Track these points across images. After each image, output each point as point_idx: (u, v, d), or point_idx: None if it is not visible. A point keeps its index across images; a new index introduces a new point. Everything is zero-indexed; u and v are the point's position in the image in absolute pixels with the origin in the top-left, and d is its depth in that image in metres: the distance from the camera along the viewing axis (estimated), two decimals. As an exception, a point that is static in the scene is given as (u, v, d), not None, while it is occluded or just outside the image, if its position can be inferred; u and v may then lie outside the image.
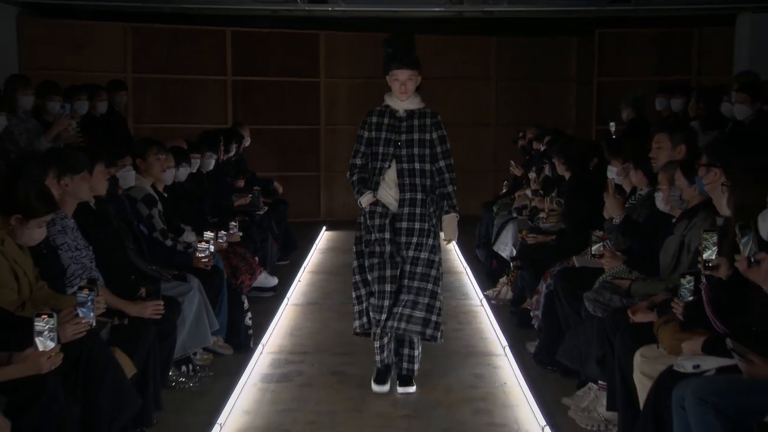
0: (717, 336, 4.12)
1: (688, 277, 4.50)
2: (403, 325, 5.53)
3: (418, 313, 5.55)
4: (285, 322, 7.57)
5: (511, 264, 8.29)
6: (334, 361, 6.20)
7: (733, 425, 3.52)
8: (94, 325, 4.27)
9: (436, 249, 5.67)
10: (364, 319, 5.72)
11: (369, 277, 5.67)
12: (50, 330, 3.77)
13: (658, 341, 4.54)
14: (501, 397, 5.75)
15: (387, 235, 5.57)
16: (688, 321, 4.39)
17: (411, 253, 5.59)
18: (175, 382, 5.86)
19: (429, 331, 5.61)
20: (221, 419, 5.15)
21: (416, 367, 5.83)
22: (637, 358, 4.54)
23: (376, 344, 5.80)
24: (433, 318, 5.61)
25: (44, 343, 3.75)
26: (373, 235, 5.63)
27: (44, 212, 4.42)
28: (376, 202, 5.64)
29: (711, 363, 3.95)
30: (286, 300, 8.14)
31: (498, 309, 7.86)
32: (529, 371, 6.09)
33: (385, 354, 5.81)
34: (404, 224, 5.60)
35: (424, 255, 5.60)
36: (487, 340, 7.05)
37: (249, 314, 6.89)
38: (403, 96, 5.59)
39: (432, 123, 5.64)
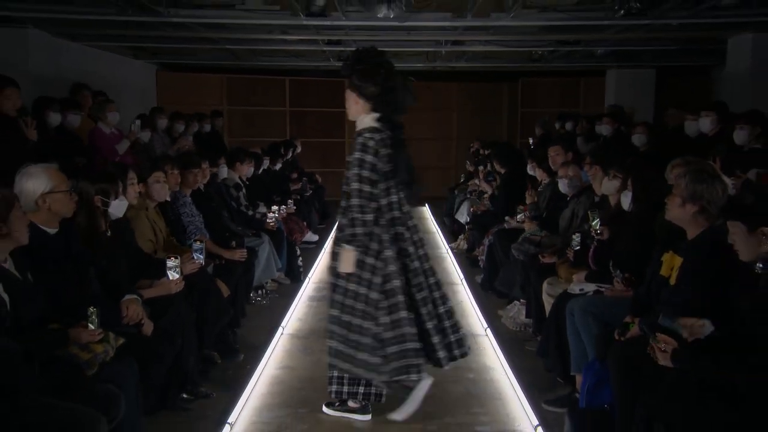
0: (594, 271, 4.15)
1: (577, 234, 4.54)
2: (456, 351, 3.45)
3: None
4: (323, 263, 7.55)
5: (466, 226, 8.32)
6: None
7: (604, 325, 3.55)
8: (203, 264, 4.31)
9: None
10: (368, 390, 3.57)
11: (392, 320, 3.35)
12: (176, 267, 3.80)
13: (558, 274, 4.59)
14: (459, 310, 5.69)
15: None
16: (576, 262, 4.44)
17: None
18: (254, 300, 5.90)
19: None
20: (284, 323, 5.20)
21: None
22: (545, 285, 4.58)
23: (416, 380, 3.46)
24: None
25: (172, 275, 3.79)
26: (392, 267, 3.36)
27: (148, 174, 4.47)
28: None
29: (590, 287, 3.99)
30: (323, 249, 8.09)
31: (457, 255, 7.87)
32: (477, 294, 6.11)
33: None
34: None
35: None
36: (451, 274, 7.06)
37: (300, 258, 6.92)
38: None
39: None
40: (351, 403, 3.66)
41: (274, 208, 6.88)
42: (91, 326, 2.93)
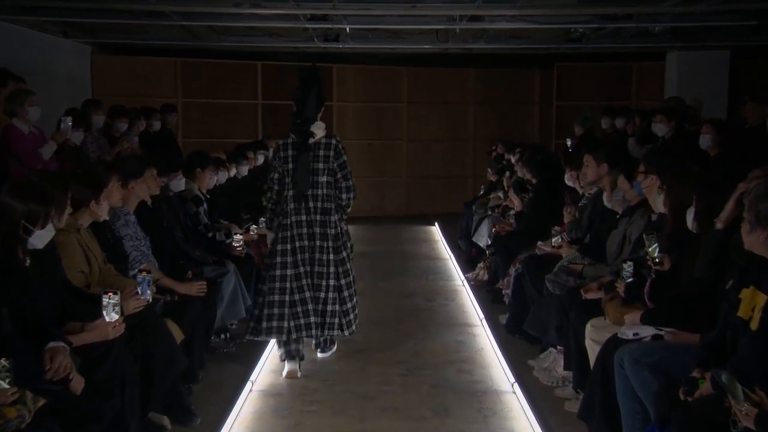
0: (652, 310, 4.13)
1: (629, 263, 4.50)
2: None
3: None
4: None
5: (487, 252, 8.30)
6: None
7: (665, 379, 3.52)
8: (150, 300, 4.28)
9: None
10: None
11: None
12: (115, 305, 3.77)
13: (605, 314, 4.56)
14: (478, 360, 5.75)
15: None
16: (628, 298, 4.41)
17: None
18: (215, 346, 5.86)
19: None
20: (253, 377, 5.17)
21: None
22: (588, 327, 4.54)
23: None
24: None
25: (110, 315, 3.76)
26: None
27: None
28: None
29: (647, 331, 3.95)
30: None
31: (476, 288, 7.86)
32: (501, 338, 6.08)
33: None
34: None
35: None
36: (467, 313, 7.05)
37: (275, 292, 6.87)
38: None
39: None
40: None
41: (252, 227, 6.87)
42: (2, 383, 2.89)
